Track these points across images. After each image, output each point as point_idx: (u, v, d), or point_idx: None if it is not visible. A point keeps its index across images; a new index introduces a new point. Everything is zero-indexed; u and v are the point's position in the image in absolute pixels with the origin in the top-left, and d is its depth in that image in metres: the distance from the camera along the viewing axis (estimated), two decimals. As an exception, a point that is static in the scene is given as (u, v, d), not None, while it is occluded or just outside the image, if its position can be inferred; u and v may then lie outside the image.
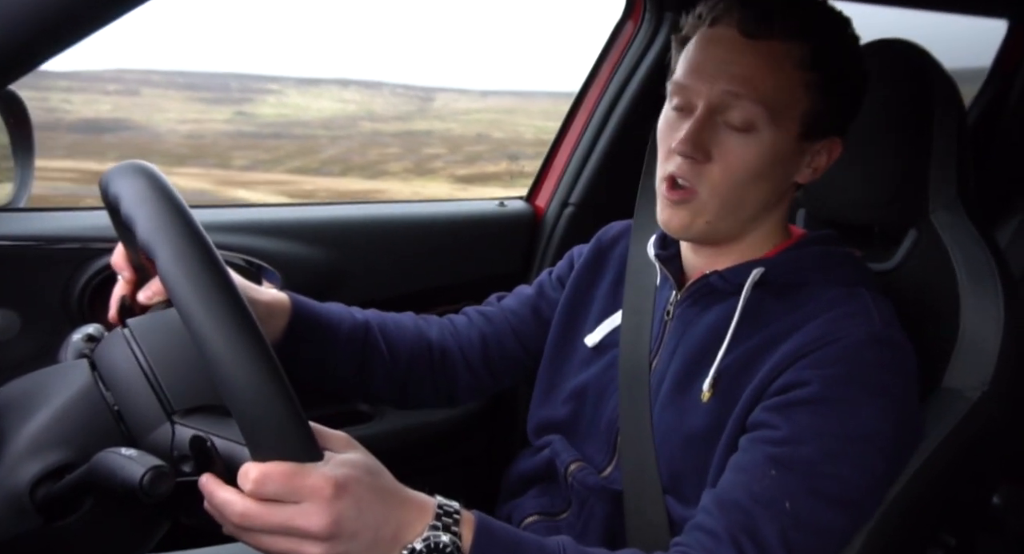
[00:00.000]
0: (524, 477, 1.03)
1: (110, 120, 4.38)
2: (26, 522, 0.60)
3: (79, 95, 4.45)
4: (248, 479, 0.56)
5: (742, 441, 0.79)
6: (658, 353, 0.92)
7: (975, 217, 0.96)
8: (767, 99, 0.80)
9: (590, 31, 1.49)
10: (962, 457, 0.89)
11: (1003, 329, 0.89)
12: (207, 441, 0.59)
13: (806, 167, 0.87)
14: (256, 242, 1.27)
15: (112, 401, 0.65)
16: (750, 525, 0.73)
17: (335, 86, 7.06)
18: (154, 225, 0.60)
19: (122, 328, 0.68)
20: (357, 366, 0.97)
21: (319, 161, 5.81)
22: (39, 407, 0.64)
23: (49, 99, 4.37)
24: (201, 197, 4.40)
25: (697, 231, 0.86)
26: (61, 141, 4.17)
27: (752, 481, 0.75)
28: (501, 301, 1.10)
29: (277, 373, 0.56)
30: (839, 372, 0.77)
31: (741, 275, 0.86)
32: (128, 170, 0.65)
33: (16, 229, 1.12)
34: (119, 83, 4.51)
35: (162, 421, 0.63)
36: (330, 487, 0.57)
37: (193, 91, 4.24)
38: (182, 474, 0.61)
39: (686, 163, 0.83)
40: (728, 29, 0.82)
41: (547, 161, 1.59)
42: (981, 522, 1.41)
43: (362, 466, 0.61)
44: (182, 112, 2.37)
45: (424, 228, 1.45)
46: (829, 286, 0.85)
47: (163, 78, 4.40)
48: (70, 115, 4.42)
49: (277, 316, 0.90)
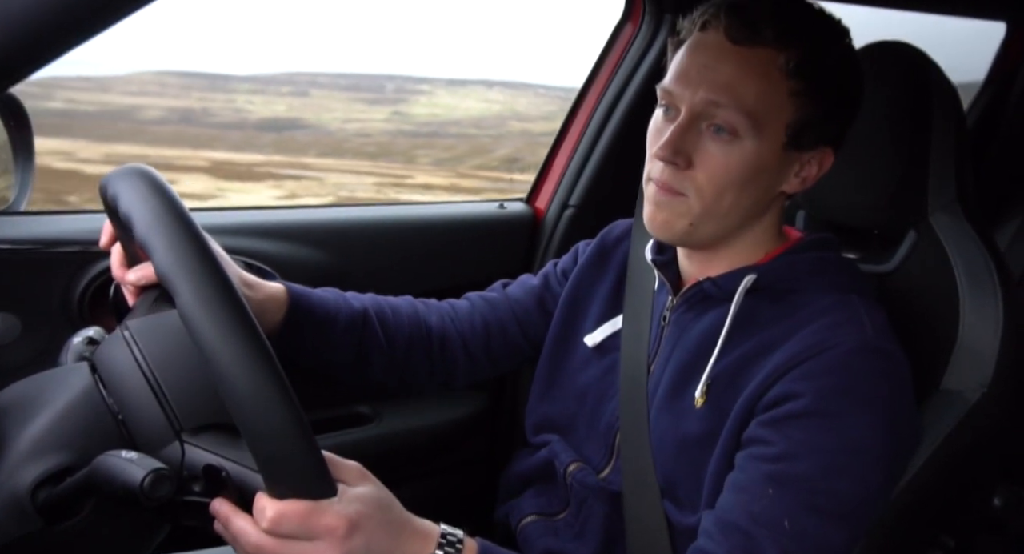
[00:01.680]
0: (522, 477, 1.03)
1: (287, 119, 4.72)
2: (27, 525, 0.60)
3: (258, 96, 4.82)
4: (265, 517, 0.58)
5: (738, 458, 0.79)
6: (656, 358, 0.92)
7: (974, 219, 0.96)
8: (749, 107, 0.79)
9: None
10: (961, 458, 0.90)
11: (1002, 331, 0.89)
12: (222, 471, 0.60)
13: (794, 177, 0.85)
14: (256, 244, 1.27)
15: (113, 405, 0.65)
16: (752, 548, 0.74)
17: (480, 87, 7.26)
18: (151, 224, 0.60)
19: (122, 330, 0.68)
20: (355, 354, 0.97)
21: (496, 159, 5.99)
22: (40, 410, 0.64)
23: (235, 100, 4.74)
24: (439, 195, 4.69)
25: (680, 232, 0.85)
26: (260, 140, 4.52)
27: (751, 501, 0.75)
28: (506, 289, 1.10)
29: (294, 407, 0.56)
30: (832, 383, 0.77)
31: (734, 281, 0.86)
32: (128, 173, 0.65)
33: (16, 233, 1.12)
34: (291, 85, 4.88)
35: (171, 439, 0.64)
36: (344, 526, 0.60)
37: (354, 92, 4.53)
38: (191, 493, 0.62)
39: (668, 169, 0.82)
40: (716, 34, 0.81)
41: (546, 163, 1.59)
42: (981, 524, 1.41)
43: (374, 502, 0.64)
44: (346, 112, 2.59)
45: (424, 230, 1.45)
46: (822, 293, 0.85)
47: (328, 80, 4.74)
48: (253, 115, 4.80)
49: (273, 308, 0.90)
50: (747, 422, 0.80)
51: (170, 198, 0.62)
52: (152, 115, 4.66)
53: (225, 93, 4.31)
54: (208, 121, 4.56)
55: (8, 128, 1.14)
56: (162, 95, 4.67)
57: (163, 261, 0.58)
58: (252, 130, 4.53)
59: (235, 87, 4.58)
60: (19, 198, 1.18)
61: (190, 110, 4.63)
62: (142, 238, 0.60)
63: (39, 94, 4.70)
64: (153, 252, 0.59)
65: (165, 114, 4.62)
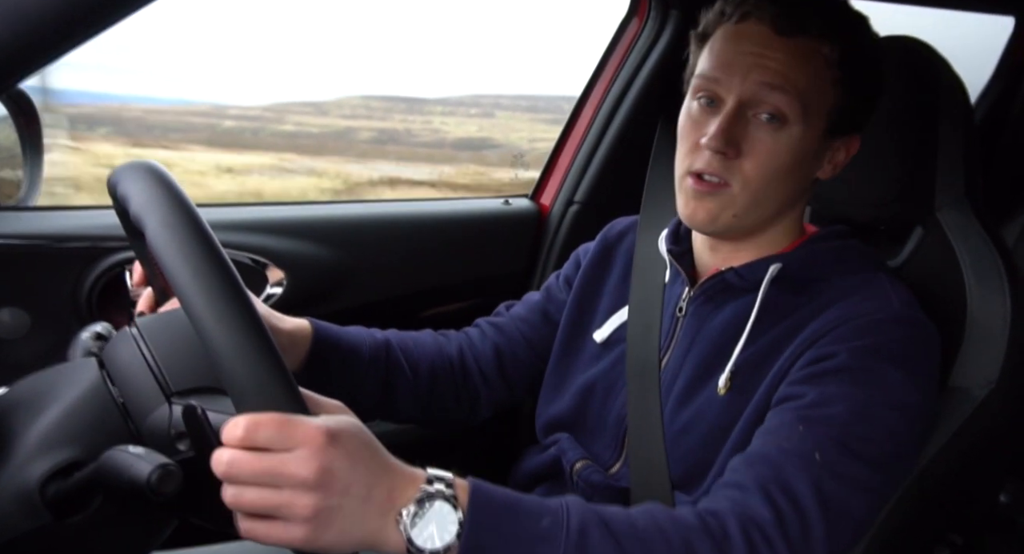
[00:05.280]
0: (531, 475, 1.03)
1: (479, 139, 4.96)
2: (36, 519, 0.60)
3: (450, 118, 5.09)
4: (239, 427, 0.54)
5: (769, 414, 0.78)
6: (671, 349, 0.92)
7: (982, 215, 0.96)
8: (801, 93, 0.81)
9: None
10: (969, 455, 0.89)
11: (1010, 327, 0.89)
12: (197, 409, 0.58)
13: (827, 163, 0.88)
14: (263, 241, 1.27)
15: (121, 401, 0.65)
16: (780, 477, 0.71)
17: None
18: (144, 201, 0.61)
19: (130, 327, 0.69)
20: (381, 386, 0.97)
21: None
22: (48, 405, 0.65)
23: (432, 121, 5.05)
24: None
25: (723, 224, 0.85)
26: (459, 158, 4.88)
27: (780, 439, 0.74)
28: (510, 310, 1.10)
29: (264, 333, 0.55)
30: (866, 344, 0.78)
31: (758, 271, 0.86)
32: (136, 169, 0.65)
33: (26, 228, 1.13)
34: (477, 107, 5.09)
35: (161, 402, 0.64)
36: (322, 435, 0.55)
37: (535, 112, 4.68)
38: (179, 453, 0.62)
39: (716, 158, 0.82)
40: (759, 25, 0.82)
41: (552, 159, 1.58)
42: (988, 520, 1.41)
43: (356, 424, 0.60)
44: (530, 131, 2.73)
45: (429, 227, 1.45)
46: (847, 276, 0.86)
47: (510, 101, 4.91)
48: (449, 135, 5.08)
49: (299, 342, 0.90)
50: (775, 392, 0.79)
51: (172, 188, 0.62)
52: (365, 136, 4.93)
53: (422, 115, 4.59)
54: (412, 141, 4.85)
55: (17, 124, 1.15)
56: (370, 117, 4.93)
57: (152, 233, 0.59)
58: (450, 149, 4.79)
59: (430, 109, 4.80)
60: (28, 193, 1.18)
61: (396, 131, 4.91)
62: (136, 215, 0.61)
63: (274, 118, 5.02)
64: (145, 226, 0.60)
65: (376, 134, 4.90)
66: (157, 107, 4.79)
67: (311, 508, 0.55)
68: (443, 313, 1.48)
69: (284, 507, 0.55)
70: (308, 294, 1.29)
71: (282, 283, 1.28)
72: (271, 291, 1.28)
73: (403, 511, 0.58)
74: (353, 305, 1.35)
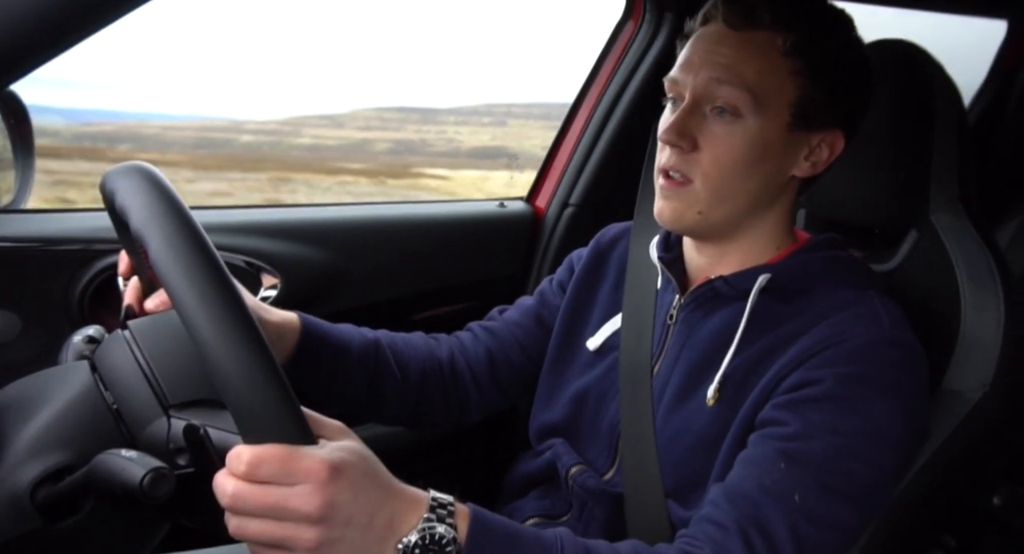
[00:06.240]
0: (525, 479, 1.02)
1: (493, 147, 5.02)
2: (27, 523, 0.60)
3: (464, 127, 5.13)
4: (242, 461, 0.54)
5: (751, 438, 0.79)
6: (662, 357, 0.92)
7: (976, 218, 0.96)
8: (750, 84, 0.81)
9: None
10: (963, 458, 0.89)
11: (1003, 330, 0.89)
12: (200, 429, 0.58)
13: (804, 160, 0.86)
14: (257, 243, 1.27)
15: (113, 404, 0.65)
16: (759, 517, 0.72)
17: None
18: (146, 216, 0.60)
19: (123, 330, 0.68)
20: (368, 385, 0.97)
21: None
22: (39, 409, 0.64)
23: (446, 131, 5.09)
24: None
25: (690, 222, 0.86)
26: (475, 166, 4.92)
27: (762, 474, 0.75)
28: (503, 314, 1.10)
29: (270, 359, 0.55)
30: (851, 371, 0.77)
31: (747, 281, 0.86)
32: (127, 171, 0.65)
33: (17, 230, 1.12)
34: (490, 115, 5.13)
35: (158, 415, 0.63)
36: (325, 470, 0.56)
37: (547, 120, 4.70)
38: (178, 467, 0.61)
39: (675, 153, 0.84)
40: (716, 24, 0.84)
41: (547, 162, 1.59)
42: (982, 523, 1.41)
43: (358, 453, 0.60)
44: (543, 139, 2.78)
45: (425, 229, 1.45)
46: (837, 289, 0.85)
47: (522, 110, 4.95)
48: (464, 144, 5.12)
49: (287, 336, 0.90)
50: (761, 408, 0.80)
51: (166, 191, 0.62)
52: (382, 147, 4.98)
53: (435, 125, 4.63)
54: (428, 151, 4.91)
55: (8, 125, 1.14)
56: (384, 129, 4.97)
57: (155, 250, 0.58)
58: (464, 157, 4.85)
59: (443, 119, 4.85)
60: (20, 196, 1.17)
61: (412, 141, 4.95)
62: (137, 229, 0.60)
63: (291, 132, 5.09)
64: (149, 245, 0.59)
65: (393, 145, 4.95)
66: (174, 123, 4.83)
67: (315, 542, 0.56)
68: (437, 316, 1.47)
69: (288, 540, 0.56)
70: (302, 297, 1.29)
71: (276, 286, 1.28)
72: (265, 294, 1.28)
73: (403, 541, 0.60)
74: (347, 308, 1.35)
